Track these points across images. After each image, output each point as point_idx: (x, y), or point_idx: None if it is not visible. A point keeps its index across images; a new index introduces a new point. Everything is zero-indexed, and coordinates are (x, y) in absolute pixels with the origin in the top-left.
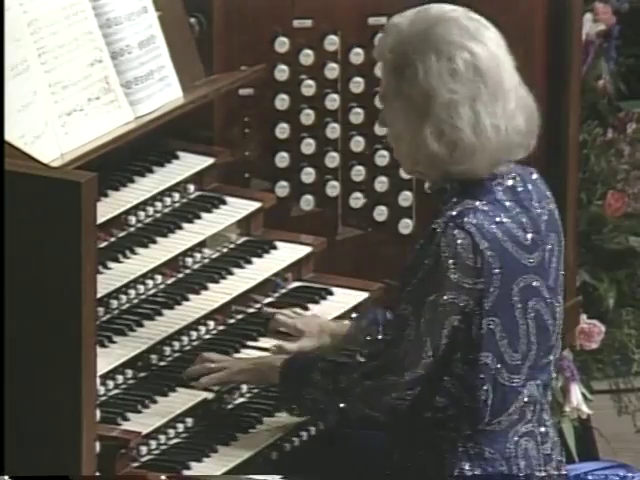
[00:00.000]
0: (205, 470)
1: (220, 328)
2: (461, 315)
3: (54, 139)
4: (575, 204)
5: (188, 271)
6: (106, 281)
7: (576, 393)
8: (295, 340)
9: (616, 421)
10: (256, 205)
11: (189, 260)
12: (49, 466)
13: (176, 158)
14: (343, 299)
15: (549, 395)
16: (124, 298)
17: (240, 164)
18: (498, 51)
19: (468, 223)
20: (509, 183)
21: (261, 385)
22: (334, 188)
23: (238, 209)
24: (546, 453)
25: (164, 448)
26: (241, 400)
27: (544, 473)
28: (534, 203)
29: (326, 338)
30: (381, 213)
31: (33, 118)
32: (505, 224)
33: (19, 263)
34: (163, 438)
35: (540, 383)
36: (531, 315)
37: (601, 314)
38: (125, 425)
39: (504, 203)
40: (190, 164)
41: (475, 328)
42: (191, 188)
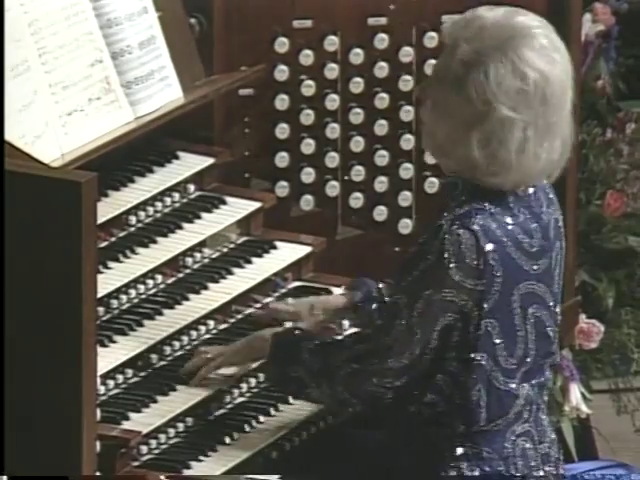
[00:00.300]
0: (205, 469)
1: (220, 328)
2: (458, 314)
3: (54, 139)
4: (574, 204)
5: (188, 271)
6: (106, 281)
7: (575, 393)
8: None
9: (615, 420)
10: (256, 205)
11: (189, 260)
12: (49, 466)
13: (176, 158)
14: None
15: (545, 395)
16: (124, 298)
17: (240, 164)
18: (566, 80)
19: (474, 224)
20: (521, 189)
21: (257, 361)
22: (334, 188)
23: (238, 209)
24: (544, 452)
25: (164, 447)
26: (241, 400)
27: (542, 472)
28: (544, 210)
29: (319, 315)
30: (381, 213)
31: (34, 118)
32: (511, 229)
33: (19, 263)
34: (163, 437)
35: (535, 384)
36: (531, 321)
37: (600, 314)
38: (125, 424)
39: (514, 208)
40: (190, 164)
41: (472, 328)
42: (191, 188)
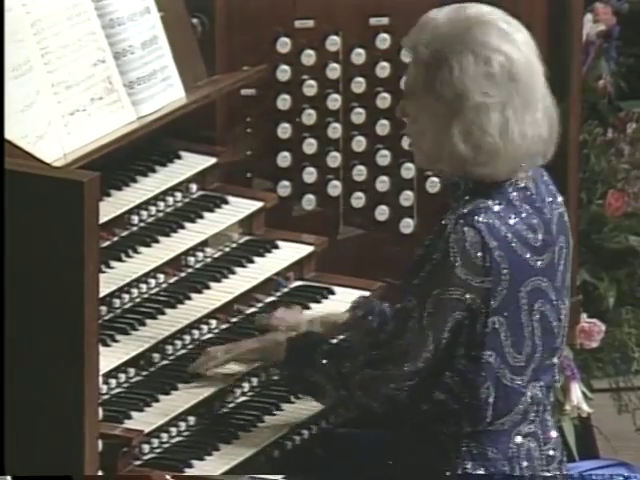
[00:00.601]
0: (207, 468)
1: (222, 327)
2: (466, 312)
3: (57, 139)
4: (575, 203)
5: (190, 270)
6: (109, 280)
7: (576, 392)
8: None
9: (616, 419)
10: (258, 205)
11: (191, 259)
12: (52, 465)
13: (178, 158)
14: (344, 298)
15: (552, 397)
16: (127, 297)
17: (242, 164)
18: (532, 57)
19: (479, 222)
20: (522, 184)
21: (268, 362)
22: (336, 188)
23: (240, 209)
24: (549, 454)
25: (166, 446)
26: (243, 399)
27: (546, 474)
28: (546, 204)
29: (317, 327)
30: (382, 213)
31: (36, 118)
32: (516, 226)
33: (22, 262)
34: (165, 436)
35: (543, 385)
36: (536, 317)
37: (601, 313)
38: (128, 423)
39: (516, 204)
40: (192, 164)
41: (480, 326)
42: (193, 188)
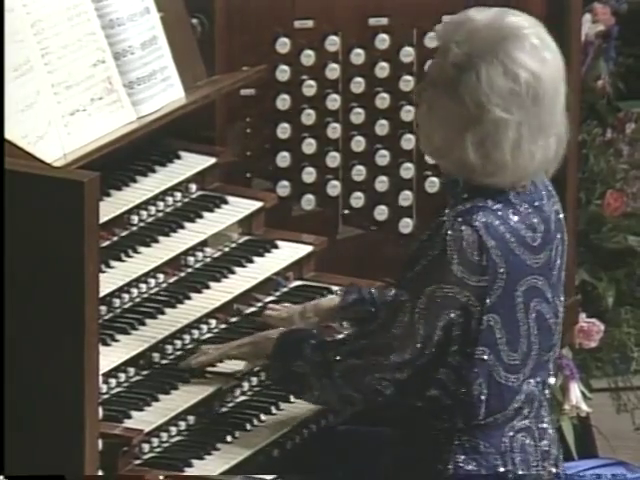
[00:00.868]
0: (207, 467)
1: (222, 327)
2: (460, 310)
3: (57, 139)
4: (574, 203)
5: (190, 270)
6: (109, 280)
7: (575, 391)
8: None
9: (615, 419)
10: (257, 205)
11: (191, 259)
12: (51, 465)
13: (178, 158)
14: None
15: (547, 392)
16: (126, 297)
17: (242, 164)
18: (558, 77)
19: (477, 221)
20: (520, 185)
21: (257, 358)
22: (335, 188)
23: (240, 208)
24: (544, 449)
25: (166, 446)
26: (243, 398)
27: (542, 469)
28: (544, 202)
29: (311, 317)
30: (382, 213)
31: (36, 118)
32: (515, 225)
33: (22, 262)
34: (165, 436)
35: (539, 380)
36: (532, 316)
37: (600, 313)
38: (127, 423)
39: (515, 203)
40: (192, 164)
41: (475, 323)
42: (193, 188)
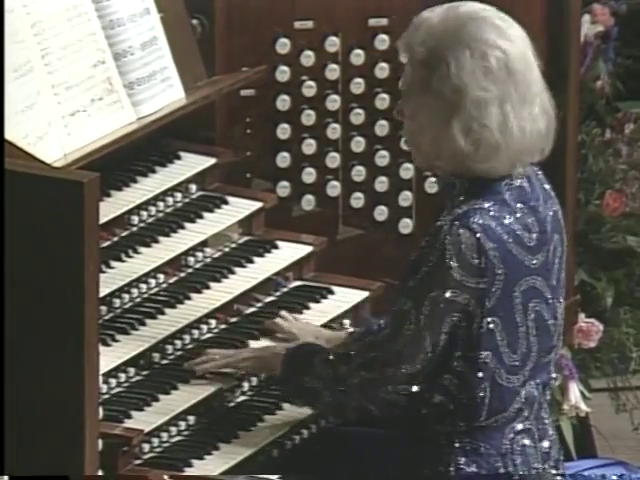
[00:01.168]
0: (207, 467)
1: (222, 327)
2: (462, 313)
3: (57, 139)
4: (574, 204)
5: (190, 270)
6: (109, 280)
7: (574, 391)
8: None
9: (614, 419)
10: (257, 205)
11: (191, 259)
12: (51, 464)
13: (178, 158)
14: (344, 298)
15: (548, 394)
16: (127, 297)
17: (242, 164)
18: (527, 51)
19: (474, 223)
20: (517, 183)
21: (263, 373)
22: (335, 188)
23: (240, 209)
24: (544, 451)
25: (166, 446)
26: (243, 398)
27: (542, 470)
28: (541, 203)
29: (322, 342)
30: (381, 213)
31: (36, 119)
32: (511, 226)
33: (22, 262)
34: (165, 436)
35: (540, 382)
36: (531, 317)
37: (599, 313)
38: (128, 423)
39: (511, 204)
40: (192, 164)
41: (476, 327)
42: (193, 188)
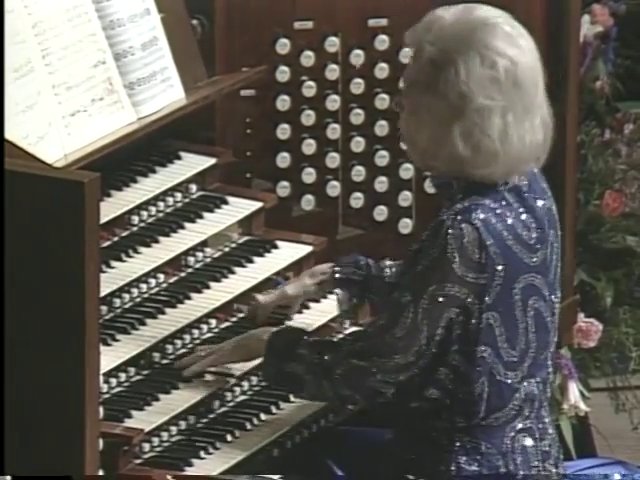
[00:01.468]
0: (207, 467)
1: (222, 326)
2: (460, 308)
3: (58, 140)
4: (573, 204)
5: (190, 270)
6: (109, 280)
7: (574, 391)
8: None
9: (613, 418)
10: (257, 205)
11: (191, 259)
12: (52, 464)
13: (178, 158)
14: None
15: (548, 392)
16: (127, 297)
17: (242, 164)
18: (536, 63)
19: (476, 218)
20: (515, 182)
21: (253, 360)
22: (334, 188)
23: (240, 209)
24: (544, 450)
25: (166, 445)
26: (243, 398)
27: (542, 469)
28: (537, 201)
29: (310, 285)
30: (381, 213)
31: (37, 119)
32: (511, 224)
33: (23, 262)
34: (165, 435)
35: (539, 380)
36: (531, 314)
37: (599, 313)
38: (128, 422)
39: (511, 202)
40: (192, 164)
41: (474, 322)
42: (193, 188)
